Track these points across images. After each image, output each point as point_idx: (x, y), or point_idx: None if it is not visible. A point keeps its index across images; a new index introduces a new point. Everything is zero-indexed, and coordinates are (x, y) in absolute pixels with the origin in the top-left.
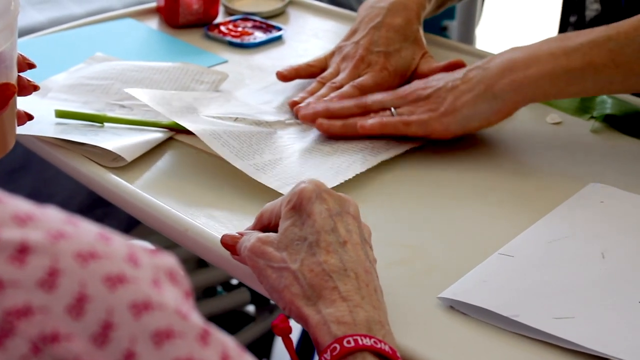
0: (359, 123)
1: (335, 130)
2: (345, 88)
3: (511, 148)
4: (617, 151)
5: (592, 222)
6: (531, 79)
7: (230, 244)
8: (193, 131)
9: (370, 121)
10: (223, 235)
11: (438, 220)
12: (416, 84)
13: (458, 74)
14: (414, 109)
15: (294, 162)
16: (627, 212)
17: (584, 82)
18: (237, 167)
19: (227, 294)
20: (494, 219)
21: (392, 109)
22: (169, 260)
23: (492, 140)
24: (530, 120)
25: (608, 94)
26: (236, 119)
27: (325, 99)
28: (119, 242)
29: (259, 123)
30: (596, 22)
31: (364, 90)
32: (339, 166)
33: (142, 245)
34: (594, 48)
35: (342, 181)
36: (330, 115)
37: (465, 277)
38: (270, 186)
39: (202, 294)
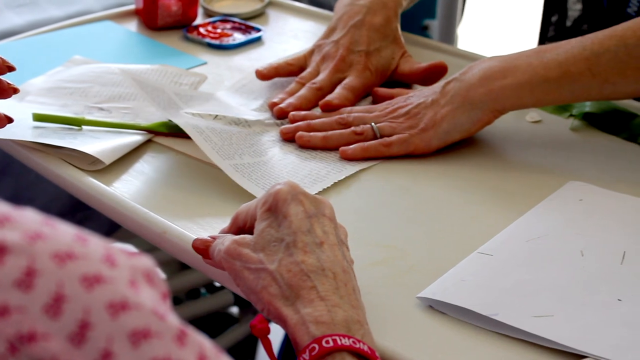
0: (341, 149)
1: (316, 143)
2: (338, 90)
3: (491, 147)
4: (596, 149)
5: (571, 220)
6: (508, 88)
7: (202, 247)
8: (177, 123)
9: (352, 147)
10: (194, 240)
11: (418, 220)
12: (397, 100)
13: (436, 87)
14: (395, 125)
15: (272, 166)
16: (606, 209)
17: (561, 91)
18: (217, 164)
19: (210, 295)
20: (474, 218)
21: (373, 124)
22: (146, 261)
23: (472, 139)
24: (510, 119)
25: (584, 102)
26: (216, 117)
27: (328, 97)
28: (95, 243)
29: (238, 122)
30: (579, 22)
31: (356, 92)
32: (318, 173)
33: (119, 246)
34: (570, 58)
35: (320, 190)
36: (311, 130)
37: (444, 276)
38: (249, 190)
39: (186, 296)
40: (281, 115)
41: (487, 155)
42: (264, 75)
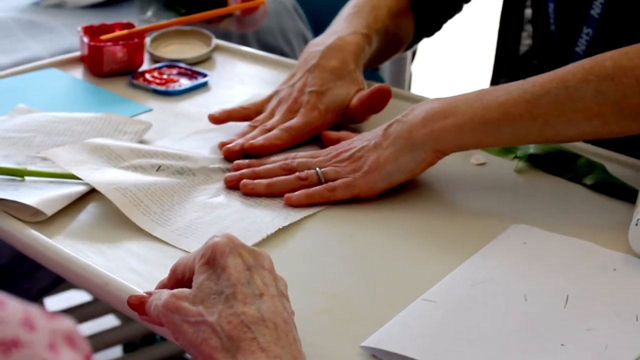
0: (285, 196)
1: (260, 190)
2: (275, 132)
3: (436, 190)
4: (541, 190)
5: (515, 264)
6: (449, 129)
7: (137, 304)
8: (110, 197)
9: (297, 194)
10: (129, 296)
11: (361, 267)
12: (341, 145)
13: (379, 130)
14: (339, 170)
15: (216, 219)
16: (549, 252)
17: (501, 133)
18: (158, 236)
19: (165, 342)
20: (418, 263)
21: (317, 169)
22: (67, 323)
23: (417, 183)
24: (455, 162)
25: (526, 144)
26: (159, 169)
27: (252, 140)
28: (14, 307)
29: (182, 172)
30: (528, 56)
31: (292, 132)
32: (262, 220)
33: (38, 309)
34: (511, 99)
35: (264, 237)
36: (255, 177)
37: (388, 324)
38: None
39: (141, 342)
40: (229, 155)
41: (431, 199)
42: (216, 119)
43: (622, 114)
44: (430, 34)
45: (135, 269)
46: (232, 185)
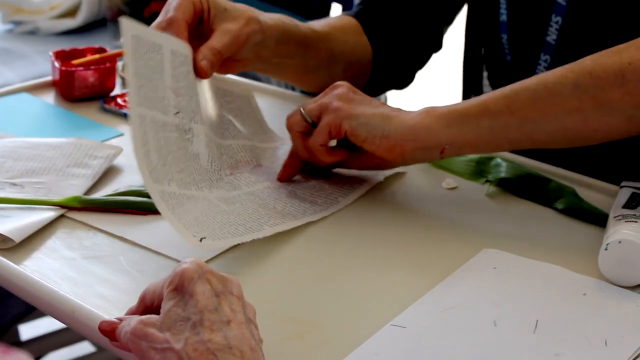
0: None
1: None
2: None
3: (407, 214)
4: (511, 215)
5: (485, 289)
6: (429, 115)
7: (108, 330)
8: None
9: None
10: (101, 322)
11: (331, 292)
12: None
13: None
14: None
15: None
16: (519, 277)
17: (479, 127)
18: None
19: None
20: (389, 288)
21: (301, 108)
22: (21, 357)
23: (387, 207)
24: (425, 186)
25: (507, 142)
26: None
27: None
28: None
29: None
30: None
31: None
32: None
33: None
34: (491, 96)
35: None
36: None
37: (357, 350)
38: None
39: None
40: None
41: (402, 223)
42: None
43: (602, 109)
44: (401, 86)
45: (103, 295)
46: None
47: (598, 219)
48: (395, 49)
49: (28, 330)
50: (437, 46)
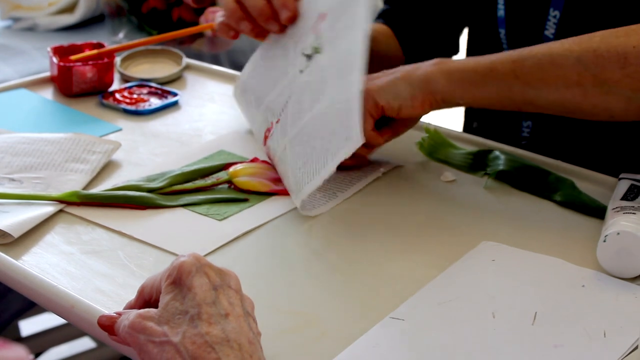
0: None
1: None
2: None
3: (406, 207)
4: (510, 207)
5: (483, 281)
6: (442, 72)
7: (107, 324)
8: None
9: None
10: (100, 316)
11: (329, 285)
12: None
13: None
14: None
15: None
16: (517, 269)
17: (487, 87)
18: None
19: None
20: (388, 281)
21: None
22: (18, 352)
23: (386, 200)
24: (424, 179)
25: (512, 103)
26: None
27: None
28: None
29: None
30: None
31: None
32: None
33: None
34: (501, 57)
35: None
36: None
37: (356, 343)
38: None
39: None
40: None
41: (400, 216)
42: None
43: (601, 88)
44: None
45: (102, 289)
46: None
47: (596, 211)
48: (423, 53)
49: (28, 326)
50: (456, 49)
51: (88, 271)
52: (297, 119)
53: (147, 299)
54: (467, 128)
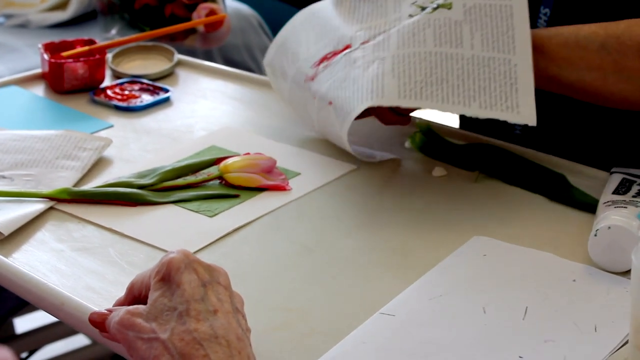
0: None
1: None
2: None
3: (396, 203)
4: (501, 202)
5: (474, 276)
6: None
7: (98, 321)
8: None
9: None
10: (91, 313)
11: (320, 281)
12: None
13: None
14: None
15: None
16: (508, 264)
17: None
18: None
19: None
20: (378, 277)
21: None
22: (2, 353)
23: (377, 195)
24: (415, 174)
25: (539, 78)
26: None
27: None
28: None
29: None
30: None
31: None
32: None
33: None
34: (537, 31)
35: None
36: None
37: (346, 339)
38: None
39: None
40: None
41: (392, 210)
42: None
43: (621, 74)
44: None
45: (92, 286)
46: None
47: (588, 205)
48: None
49: (23, 323)
50: None
51: (79, 268)
52: (411, 43)
53: (136, 296)
54: (462, 122)
